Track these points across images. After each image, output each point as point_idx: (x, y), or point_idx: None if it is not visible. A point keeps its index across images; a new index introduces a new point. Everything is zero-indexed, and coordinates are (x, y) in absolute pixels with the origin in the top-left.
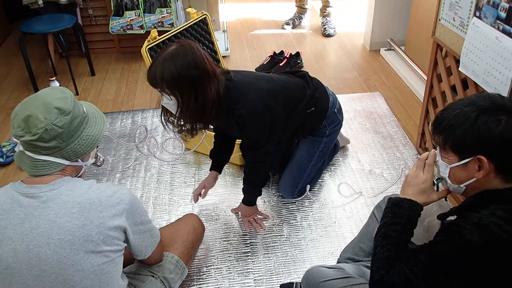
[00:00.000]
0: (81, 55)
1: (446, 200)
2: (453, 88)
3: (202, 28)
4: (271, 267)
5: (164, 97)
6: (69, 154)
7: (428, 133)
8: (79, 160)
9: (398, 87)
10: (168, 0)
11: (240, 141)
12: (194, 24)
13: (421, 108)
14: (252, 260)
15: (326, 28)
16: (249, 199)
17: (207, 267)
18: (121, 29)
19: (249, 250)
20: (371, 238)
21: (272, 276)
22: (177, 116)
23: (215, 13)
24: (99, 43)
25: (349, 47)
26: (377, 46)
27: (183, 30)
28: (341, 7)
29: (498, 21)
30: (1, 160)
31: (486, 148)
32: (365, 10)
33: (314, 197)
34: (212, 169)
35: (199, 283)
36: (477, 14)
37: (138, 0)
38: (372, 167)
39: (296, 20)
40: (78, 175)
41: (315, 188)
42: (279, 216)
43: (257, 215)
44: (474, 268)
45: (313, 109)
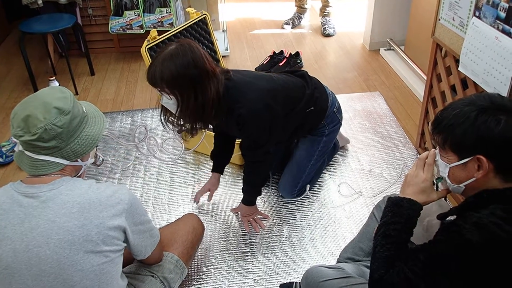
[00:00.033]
0: (81, 54)
1: (445, 200)
2: (453, 88)
3: (202, 28)
4: (270, 267)
5: (164, 97)
6: (69, 154)
7: (427, 133)
8: (78, 160)
9: (397, 87)
10: (168, 0)
11: (240, 140)
12: (193, 24)
13: (421, 108)
14: (251, 260)
15: (325, 28)
16: (249, 199)
17: (207, 267)
18: (121, 29)
19: (248, 250)
20: (371, 238)
21: (271, 276)
22: (176, 115)
23: (215, 12)
24: (99, 43)
25: (348, 47)
26: (377, 46)
27: (182, 30)
28: (341, 7)
29: (498, 21)
30: (1, 160)
31: (486, 148)
32: (365, 10)
33: (314, 197)
34: (213, 170)
35: (199, 283)
36: (477, 14)
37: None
38: (372, 167)
39: (295, 20)
40: (78, 174)
41: (315, 188)
42: (278, 216)
43: (257, 215)
44: (474, 268)
45: (312, 108)
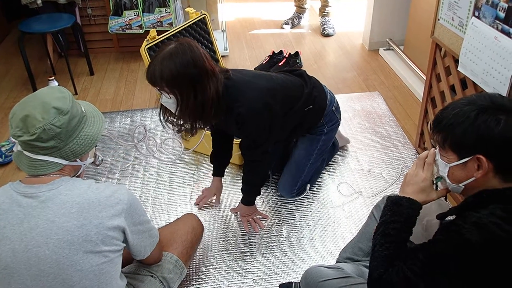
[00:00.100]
0: (80, 54)
1: (445, 200)
2: (452, 88)
3: (201, 27)
4: (270, 267)
5: (163, 96)
6: (68, 154)
7: (427, 133)
8: (77, 159)
9: (397, 87)
10: (167, 0)
11: (239, 140)
12: (193, 23)
13: (420, 108)
14: (251, 260)
15: (325, 28)
16: (248, 198)
17: (206, 267)
18: (120, 29)
19: (248, 250)
20: (370, 238)
21: (271, 276)
22: (176, 114)
23: (214, 12)
24: (98, 43)
25: (348, 47)
26: (376, 46)
27: (182, 29)
28: (340, 7)
29: (497, 21)
30: (0, 160)
31: (486, 148)
32: (364, 10)
33: (313, 197)
34: (214, 174)
35: (198, 283)
36: (476, 14)
37: None
38: (371, 167)
39: (295, 20)
40: (77, 174)
41: (314, 188)
42: (278, 216)
43: (256, 215)
44: (473, 267)
45: (311, 107)
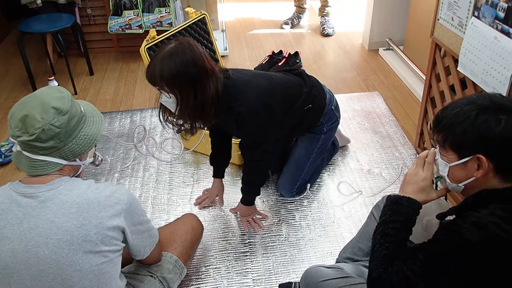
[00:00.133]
0: (80, 54)
1: (445, 199)
2: (452, 88)
3: (201, 27)
4: (269, 267)
5: (163, 95)
6: (67, 154)
7: (426, 133)
8: (77, 159)
9: (396, 87)
10: (167, 0)
11: (238, 140)
12: (193, 23)
13: (420, 108)
14: (250, 260)
15: (324, 27)
16: (248, 198)
17: (206, 267)
18: (120, 29)
19: (247, 249)
20: (370, 238)
21: (271, 276)
22: (176, 114)
23: (214, 12)
24: (98, 43)
25: (347, 47)
26: (376, 46)
27: (181, 29)
28: (340, 7)
29: (497, 21)
30: (0, 160)
31: (486, 147)
32: (364, 10)
33: (313, 197)
34: (215, 176)
35: (198, 283)
36: (476, 14)
37: None
38: (371, 166)
39: (294, 19)
40: (76, 174)
41: (314, 188)
42: (277, 216)
43: (256, 215)
44: (473, 267)
45: (310, 106)
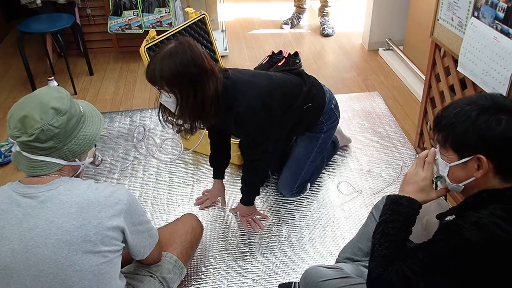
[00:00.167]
0: (80, 54)
1: (445, 199)
2: (452, 88)
3: (201, 27)
4: (269, 267)
5: (163, 95)
6: (66, 154)
7: (426, 133)
8: (76, 159)
9: (396, 87)
10: (167, 0)
11: (238, 141)
12: (192, 23)
13: (420, 108)
14: (250, 260)
15: (324, 28)
16: (248, 198)
17: (206, 267)
18: (120, 29)
19: (247, 250)
20: (370, 238)
21: (270, 276)
22: (176, 114)
23: (214, 12)
24: (98, 43)
25: (347, 47)
26: (376, 46)
27: (181, 29)
28: (340, 7)
29: (497, 21)
30: None
31: (487, 148)
32: (364, 10)
33: (313, 197)
34: (215, 177)
35: (198, 283)
36: (476, 14)
37: None
38: (371, 167)
39: (294, 20)
40: (76, 174)
41: (314, 188)
42: (277, 216)
43: (256, 215)
44: (473, 267)
45: (310, 105)
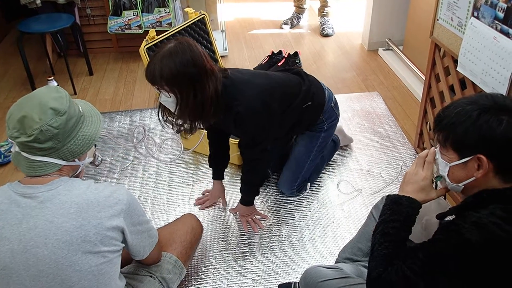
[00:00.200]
0: (79, 54)
1: (444, 199)
2: (451, 88)
3: (200, 27)
4: (269, 267)
5: (163, 95)
6: (65, 154)
7: (426, 133)
8: (76, 159)
9: (396, 87)
10: (166, 0)
11: (237, 140)
12: (192, 23)
13: (419, 108)
14: (250, 260)
15: (324, 28)
16: (247, 198)
17: (205, 267)
18: (119, 29)
19: (247, 250)
20: (369, 238)
21: (270, 276)
22: (175, 114)
23: (214, 12)
24: (97, 43)
25: (347, 47)
26: (375, 46)
27: (181, 29)
28: (339, 7)
29: (496, 21)
30: None
31: (487, 148)
32: (363, 10)
33: (312, 197)
34: (214, 178)
35: (197, 283)
36: (475, 14)
37: None
38: (371, 167)
39: (294, 20)
40: (76, 174)
41: (314, 188)
42: (277, 216)
43: (255, 215)
44: (473, 267)
45: (309, 103)
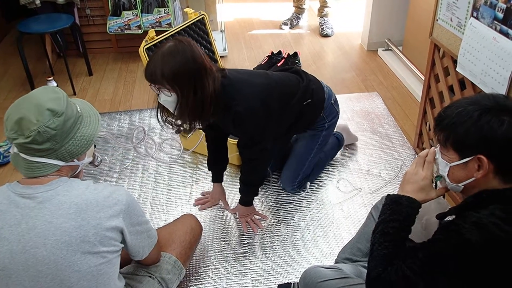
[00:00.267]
0: (79, 55)
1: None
2: (451, 89)
3: (200, 28)
4: (269, 268)
5: (163, 94)
6: (64, 155)
7: (425, 134)
8: (74, 159)
9: (395, 87)
10: (166, 0)
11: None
12: (192, 24)
13: (419, 109)
14: (250, 260)
15: (323, 28)
16: (246, 199)
17: (205, 267)
18: (119, 29)
19: (246, 250)
20: (369, 239)
21: (270, 277)
22: (175, 113)
23: (213, 13)
24: (97, 43)
25: (346, 47)
26: (375, 46)
27: (180, 30)
28: (339, 7)
29: (495, 22)
30: None
31: (488, 148)
32: (363, 10)
33: (312, 198)
34: (214, 181)
35: (197, 283)
36: (475, 14)
37: (135, 0)
38: (370, 167)
39: (294, 20)
40: (75, 174)
41: (313, 188)
42: (276, 216)
43: (255, 215)
44: (473, 267)
45: (309, 101)
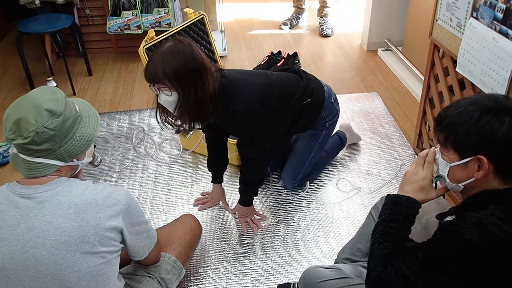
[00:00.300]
0: (78, 55)
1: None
2: (450, 89)
3: (200, 28)
4: (268, 268)
5: (163, 94)
6: (63, 155)
7: (425, 134)
8: (74, 159)
9: (395, 88)
10: (166, 0)
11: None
12: (191, 24)
13: (418, 109)
14: (249, 260)
15: (323, 28)
16: (246, 199)
17: (205, 267)
18: (118, 29)
19: (246, 250)
20: (368, 239)
21: (269, 277)
22: (175, 113)
23: (213, 13)
24: (96, 43)
25: (346, 48)
26: (375, 47)
27: (180, 30)
28: (339, 8)
29: (495, 22)
30: None
31: (488, 148)
32: (363, 11)
33: (312, 198)
34: (214, 181)
35: (197, 283)
36: (474, 14)
37: (135, 0)
38: (370, 167)
39: (293, 20)
40: (74, 173)
41: (313, 188)
42: (276, 217)
43: (255, 216)
44: (472, 267)
45: (309, 100)
